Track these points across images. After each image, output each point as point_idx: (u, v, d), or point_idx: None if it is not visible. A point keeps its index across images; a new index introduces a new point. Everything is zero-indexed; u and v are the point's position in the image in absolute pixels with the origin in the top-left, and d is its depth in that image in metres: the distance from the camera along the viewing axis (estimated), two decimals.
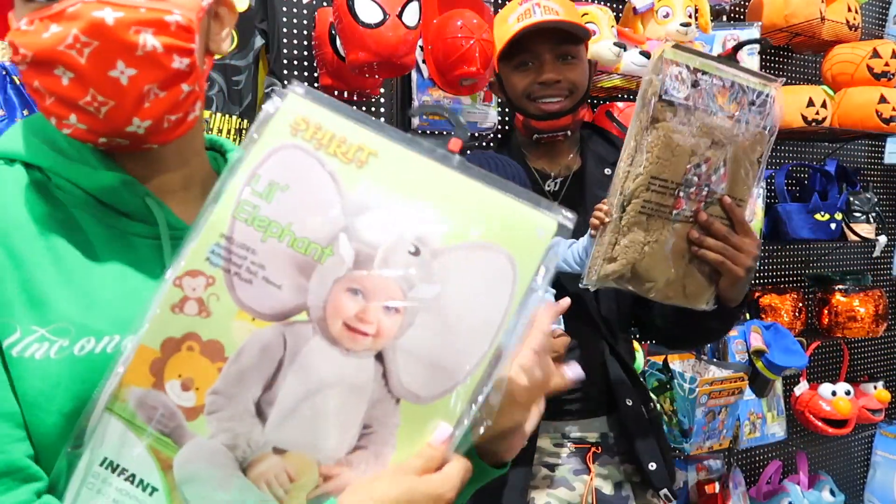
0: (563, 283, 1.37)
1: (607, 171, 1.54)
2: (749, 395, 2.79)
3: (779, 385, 3.11)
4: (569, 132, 1.50)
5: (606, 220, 1.20)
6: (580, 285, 1.25)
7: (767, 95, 1.22)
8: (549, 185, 1.51)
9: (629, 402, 1.44)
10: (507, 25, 1.47)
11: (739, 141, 1.23)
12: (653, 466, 1.41)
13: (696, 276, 1.26)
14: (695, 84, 1.18)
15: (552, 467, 1.43)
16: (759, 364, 2.65)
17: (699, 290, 1.26)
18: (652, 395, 1.56)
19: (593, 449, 1.44)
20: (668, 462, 1.48)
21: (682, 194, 1.23)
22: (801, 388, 3.19)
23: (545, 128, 1.48)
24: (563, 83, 1.44)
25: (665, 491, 1.42)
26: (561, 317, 1.40)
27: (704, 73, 1.20)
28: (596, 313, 1.44)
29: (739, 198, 1.24)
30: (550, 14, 1.41)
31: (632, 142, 1.19)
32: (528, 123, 1.50)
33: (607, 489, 1.43)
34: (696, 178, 1.22)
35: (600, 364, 1.45)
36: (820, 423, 3.12)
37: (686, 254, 1.24)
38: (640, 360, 2.48)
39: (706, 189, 1.23)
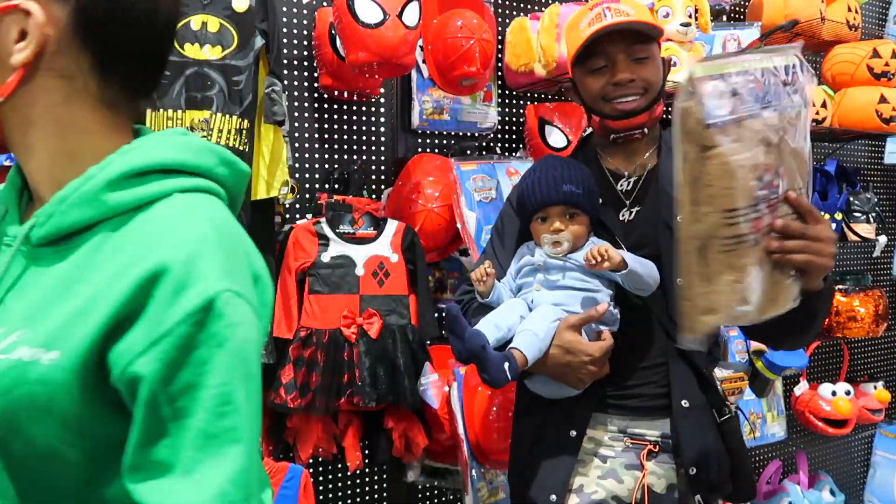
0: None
1: None
2: (749, 395, 2.79)
3: (779, 385, 3.10)
4: (645, 130, 1.50)
5: (689, 279, 1.13)
6: (678, 345, 1.29)
7: (793, 67, 1.12)
8: (621, 185, 1.52)
9: (685, 404, 1.43)
10: (579, 31, 1.47)
11: (787, 129, 1.11)
12: (693, 471, 1.40)
13: (781, 282, 1.17)
14: (734, 93, 1.08)
15: (604, 458, 1.45)
16: (759, 364, 2.65)
17: (785, 293, 1.19)
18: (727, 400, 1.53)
19: (649, 447, 1.44)
20: (739, 470, 1.47)
21: (756, 215, 1.11)
22: (801, 388, 3.19)
23: (621, 127, 1.48)
24: (637, 82, 1.44)
25: (698, 497, 1.42)
26: (618, 320, 1.45)
27: (737, 73, 1.09)
28: (663, 313, 1.43)
29: (799, 186, 1.15)
30: (621, 16, 1.41)
31: (684, 180, 1.10)
32: (605, 124, 1.51)
33: (659, 488, 1.44)
34: (765, 192, 1.11)
35: (663, 363, 1.44)
36: (820, 423, 3.12)
37: (767, 265, 1.14)
38: None
39: (775, 196, 1.13)
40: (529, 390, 1.50)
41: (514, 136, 2.65)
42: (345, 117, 2.38)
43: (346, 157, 2.37)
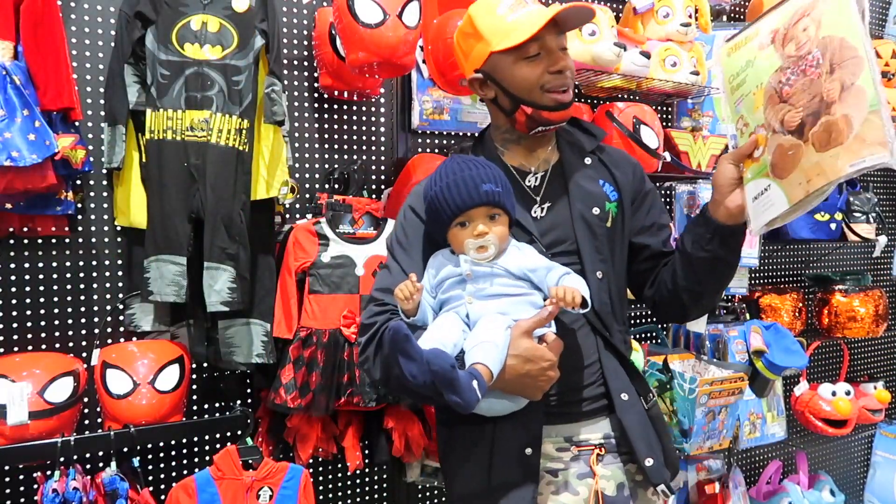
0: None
1: (587, 160, 1.50)
2: (749, 395, 2.79)
3: (779, 385, 3.10)
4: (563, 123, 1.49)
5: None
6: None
7: None
8: (529, 181, 1.48)
9: (625, 397, 1.40)
10: (498, 18, 1.39)
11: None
12: (649, 462, 1.38)
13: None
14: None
15: (556, 472, 1.39)
16: (759, 364, 2.65)
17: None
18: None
19: (597, 450, 1.40)
20: (670, 455, 1.45)
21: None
22: (801, 388, 3.19)
23: (557, 118, 1.43)
24: (570, 72, 1.41)
25: (662, 486, 1.38)
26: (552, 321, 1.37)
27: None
28: (589, 310, 1.38)
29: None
30: (540, 3, 1.39)
31: (856, 19, 1.17)
32: (537, 115, 1.42)
33: (610, 490, 1.38)
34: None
35: (596, 361, 1.42)
36: (820, 424, 3.12)
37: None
38: (640, 361, 2.48)
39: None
40: (455, 420, 1.38)
41: None
42: (345, 117, 2.37)
43: (346, 157, 2.37)
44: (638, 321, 2.93)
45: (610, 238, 1.46)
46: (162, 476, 2.12)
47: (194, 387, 2.15)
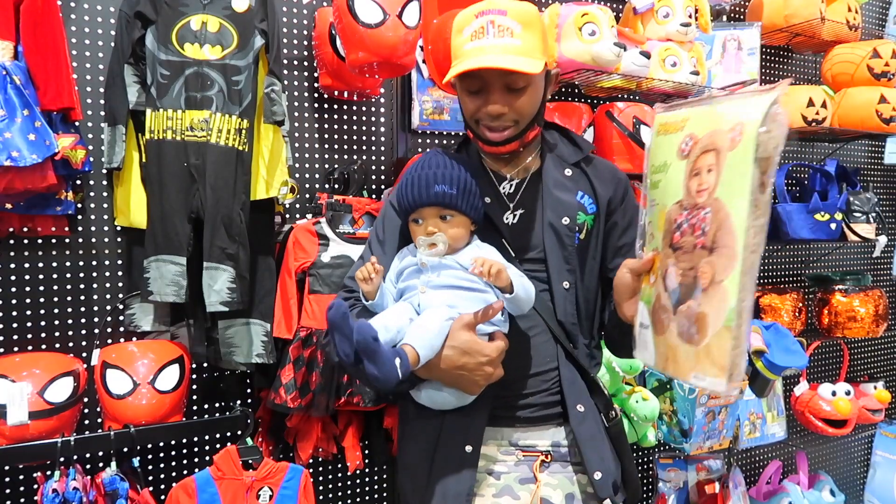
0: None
1: (567, 171, 1.48)
2: (749, 395, 2.78)
3: (779, 385, 3.11)
4: (521, 149, 1.47)
5: (744, 316, 1.06)
6: (726, 392, 1.14)
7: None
8: (504, 188, 1.48)
9: (580, 409, 1.39)
10: (461, 40, 1.39)
11: None
12: (598, 476, 1.36)
13: None
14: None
15: (498, 475, 1.38)
16: (759, 364, 2.65)
17: None
18: (615, 402, 1.51)
19: (542, 457, 1.39)
20: (629, 474, 1.44)
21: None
22: (801, 388, 3.19)
23: (492, 152, 1.46)
24: (510, 114, 1.37)
25: (607, 502, 1.37)
26: (507, 320, 1.38)
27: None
28: (551, 317, 1.41)
29: None
30: (504, 37, 1.31)
31: (749, 209, 1.03)
32: (477, 142, 1.48)
33: (557, 499, 1.38)
34: None
35: (554, 369, 1.41)
36: (820, 424, 3.12)
37: None
38: (639, 363, 2.48)
39: None
40: (415, 403, 1.40)
41: None
42: (345, 117, 2.37)
43: (346, 157, 2.37)
44: None
45: (581, 250, 1.45)
46: (162, 476, 2.12)
47: (194, 387, 2.15)
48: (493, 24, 1.34)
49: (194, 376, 2.15)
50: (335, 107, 2.36)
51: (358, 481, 2.44)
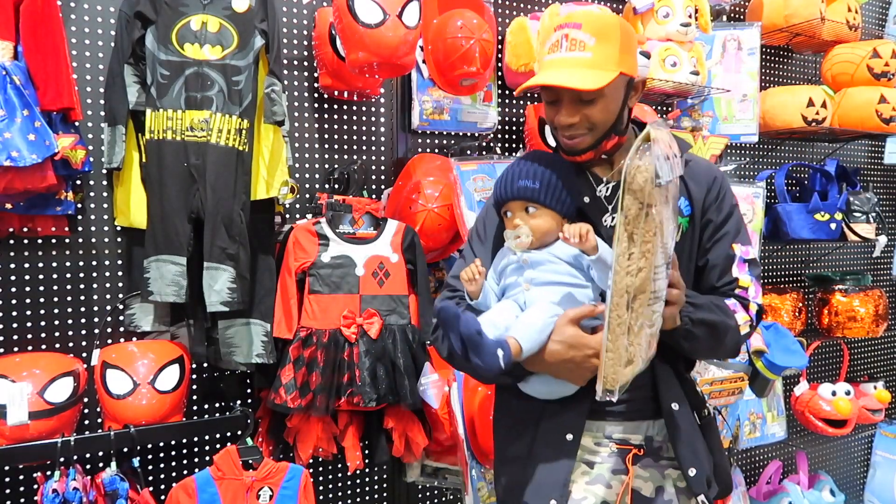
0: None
1: None
2: (749, 395, 2.78)
3: (779, 385, 3.10)
4: (602, 157, 1.49)
5: (616, 330, 1.19)
6: (598, 397, 1.27)
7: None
8: (600, 191, 1.48)
9: (675, 407, 1.43)
10: (542, 53, 1.45)
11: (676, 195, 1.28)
12: (692, 472, 1.40)
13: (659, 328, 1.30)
14: (667, 158, 1.18)
15: (591, 464, 1.44)
16: (759, 364, 2.65)
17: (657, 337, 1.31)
18: (708, 401, 1.55)
19: (634, 450, 1.44)
20: (720, 471, 1.49)
21: (667, 270, 1.25)
22: (801, 388, 3.19)
23: (570, 159, 1.49)
24: (581, 122, 1.40)
25: (702, 497, 1.42)
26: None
27: (671, 141, 1.23)
28: None
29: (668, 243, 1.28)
30: (575, 50, 1.36)
31: (624, 235, 1.15)
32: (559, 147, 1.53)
33: (647, 491, 1.43)
34: (669, 250, 1.26)
35: (647, 367, 1.41)
36: (820, 423, 3.12)
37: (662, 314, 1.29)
38: None
39: (670, 253, 1.28)
40: (516, 396, 1.47)
41: (514, 136, 2.65)
42: (345, 117, 2.37)
43: (346, 157, 2.37)
44: None
45: (678, 252, 1.45)
46: (162, 476, 2.12)
47: (194, 387, 2.15)
48: (566, 37, 1.38)
49: (194, 376, 2.14)
50: (335, 107, 2.36)
51: (358, 481, 2.44)
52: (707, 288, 1.52)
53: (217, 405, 2.20)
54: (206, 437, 2.19)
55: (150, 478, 2.10)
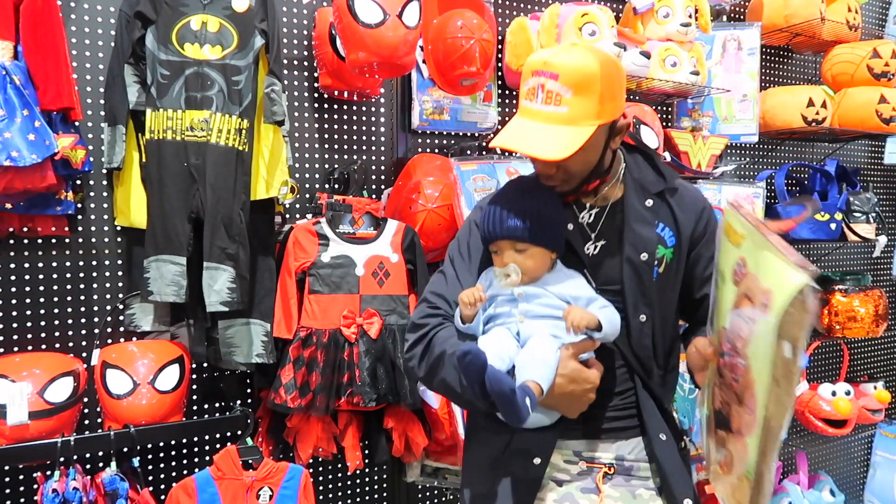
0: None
1: (649, 202, 1.45)
2: None
3: None
4: (585, 195, 1.45)
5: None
6: None
7: None
8: (583, 217, 1.45)
9: (663, 438, 1.41)
10: (521, 93, 1.38)
11: None
12: (687, 503, 1.40)
13: None
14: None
15: (560, 482, 1.41)
16: None
17: None
18: (684, 435, 1.54)
19: (605, 469, 1.41)
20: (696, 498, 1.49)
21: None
22: (801, 388, 3.19)
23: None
24: (558, 174, 1.37)
25: None
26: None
27: None
28: (626, 348, 1.42)
29: None
30: (551, 105, 1.29)
31: (775, 373, 1.06)
32: None
33: None
34: None
35: (627, 391, 1.43)
36: (820, 424, 3.12)
37: None
38: None
39: None
40: (486, 414, 1.41)
41: None
42: (345, 117, 2.37)
43: (346, 157, 2.37)
44: None
45: (660, 283, 1.43)
46: (162, 476, 2.12)
47: (194, 387, 2.15)
48: (542, 87, 1.31)
49: (194, 376, 2.14)
50: (335, 107, 2.36)
51: (358, 481, 2.44)
52: (700, 320, 1.50)
53: (217, 405, 2.20)
54: (206, 437, 2.19)
55: (150, 478, 2.10)
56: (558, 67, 1.29)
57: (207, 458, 2.17)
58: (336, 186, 2.29)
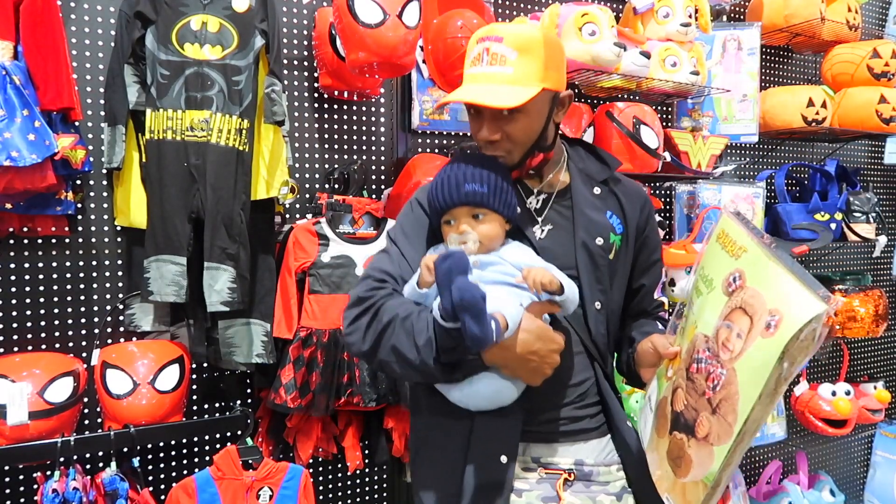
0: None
1: (596, 189, 1.47)
2: None
3: None
4: (529, 172, 1.45)
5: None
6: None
7: None
8: (530, 202, 1.45)
9: (628, 424, 1.39)
10: (466, 64, 1.38)
11: None
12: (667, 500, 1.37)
13: None
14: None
15: (520, 492, 1.35)
16: None
17: None
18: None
19: (564, 475, 1.37)
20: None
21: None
22: (801, 388, 3.19)
23: None
24: (502, 139, 1.35)
25: None
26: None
27: None
28: (586, 335, 1.40)
29: None
30: (496, 65, 1.31)
31: (767, 388, 1.03)
32: None
33: None
34: None
35: (582, 382, 1.39)
36: (820, 424, 3.12)
37: None
38: None
39: None
40: (437, 412, 1.37)
41: None
42: (345, 117, 2.38)
43: (346, 157, 2.37)
44: None
45: (611, 270, 1.44)
46: (162, 476, 2.12)
47: (194, 387, 2.15)
48: (487, 51, 1.33)
49: (194, 376, 2.15)
50: (335, 107, 2.36)
51: (358, 481, 2.44)
52: (638, 311, 1.51)
53: (217, 405, 2.20)
54: (206, 437, 2.19)
55: (150, 478, 2.10)
56: (502, 32, 1.33)
57: (207, 458, 2.17)
58: (336, 186, 2.29)
